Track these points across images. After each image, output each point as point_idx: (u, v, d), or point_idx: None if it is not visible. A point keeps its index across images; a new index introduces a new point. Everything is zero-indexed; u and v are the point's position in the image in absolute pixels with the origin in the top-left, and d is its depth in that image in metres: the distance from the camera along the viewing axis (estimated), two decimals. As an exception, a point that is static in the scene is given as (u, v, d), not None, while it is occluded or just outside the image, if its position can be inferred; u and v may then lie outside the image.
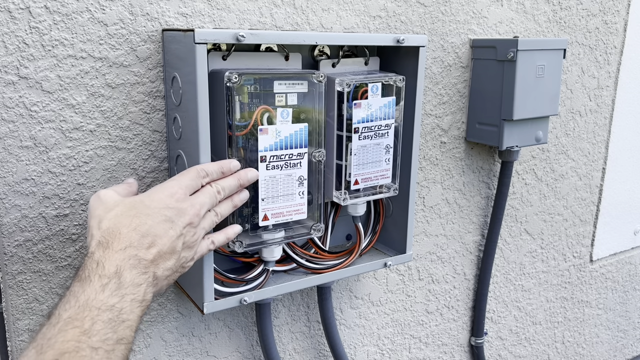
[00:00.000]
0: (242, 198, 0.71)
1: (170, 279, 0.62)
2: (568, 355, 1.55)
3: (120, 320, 0.54)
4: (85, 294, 0.53)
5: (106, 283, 0.54)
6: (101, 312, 0.53)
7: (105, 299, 0.53)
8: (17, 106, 0.69)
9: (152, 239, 0.59)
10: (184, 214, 0.62)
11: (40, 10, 0.68)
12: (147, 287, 0.58)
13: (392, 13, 0.96)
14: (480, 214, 1.20)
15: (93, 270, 0.55)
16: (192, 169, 0.67)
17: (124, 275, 0.56)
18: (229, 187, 0.69)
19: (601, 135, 1.40)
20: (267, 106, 0.72)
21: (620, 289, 1.63)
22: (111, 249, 0.57)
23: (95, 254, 0.57)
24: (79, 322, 0.51)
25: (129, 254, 0.57)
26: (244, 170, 0.70)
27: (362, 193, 0.84)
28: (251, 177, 0.71)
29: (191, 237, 0.64)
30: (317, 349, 1.05)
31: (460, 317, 1.25)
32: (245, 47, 0.78)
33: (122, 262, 0.56)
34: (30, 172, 0.71)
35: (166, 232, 0.61)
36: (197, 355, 0.91)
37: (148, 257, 0.59)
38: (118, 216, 0.60)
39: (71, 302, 0.53)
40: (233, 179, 0.69)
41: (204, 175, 0.66)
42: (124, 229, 0.59)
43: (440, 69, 1.05)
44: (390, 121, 0.83)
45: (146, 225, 0.60)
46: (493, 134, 1.06)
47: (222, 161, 0.70)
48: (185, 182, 0.65)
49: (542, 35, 1.19)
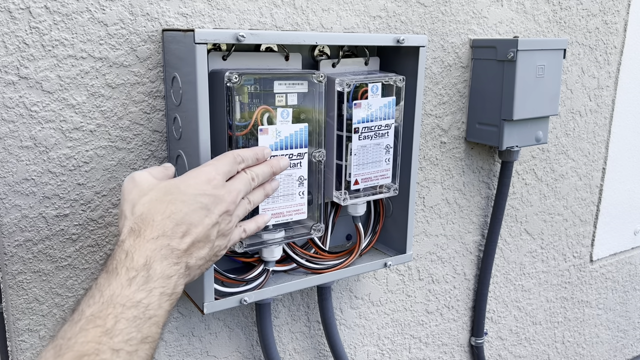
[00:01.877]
0: (273, 187, 0.70)
1: (202, 268, 0.60)
2: (568, 355, 1.55)
3: (146, 317, 0.51)
4: (110, 288, 0.51)
5: (134, 276, 0.52)
6: (125, 310, 0.50)
7: (131, 295, 0.51)
8: (17, 106, 0.69)
9: (187, 228, 0.57)
10: (220, 202, 0.60)
11: (41, 10, 0.68)
12: (179, 278, 0.56)
13: (392, 13, 0.96)
14: (480, 214, 1.20)
15: (121, 262, 0.53)
16: (229, 153, 0.65)
17: (154, 267, 0.54)
18: (262, 174, 0.67)
19: (601, 135, 1.40)
20: (267, 106, 0.72)
21: (620, 289, 1.63)
22: (143, 238, 0.55)
23: (125, 242, 0.55)
24: (101, 321, 0.49)
25: (161, 243, 0.55)
26: (276, 158, 0.70)
27: (362, 193, 0.84)
28: (283, 165, 0.70)
29: (226, 225, 0.62)
30: (317, 349, 1.05)
31: (460, 317, 1.25)
32: (245, 47, 0.78)
33: (152, 253, 0.54)
34: (31, 172, 0.71)
35: (202, 220, 0.58)
36: (197, 355, 0.91)
37: (181, 246, 0.57)
38: (153, 201, 0.58)
39: (95, 297, 0.51)
40: (267, 167, 0.68)
41: (240, 161, 0.65)
42: (158, 215, 0.57)
43: (440, 69, 1.05)
44: (390, 121, 0.83)
45: (181, 213, 0.57)
46: (493, 134, 1.06)
47: (256, 147, 0.68)
48: (222, 167, 0.63)
49: (542, 35, 1.19)
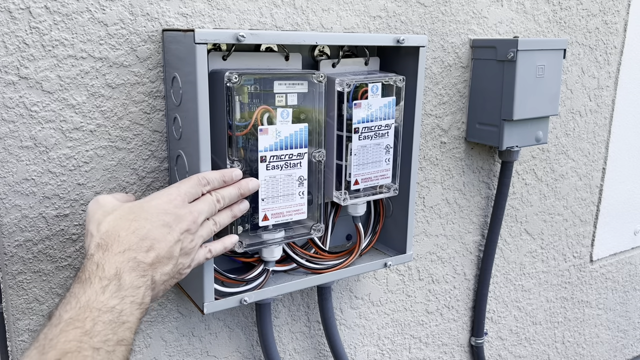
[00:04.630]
0: (241, 208, 0.71)
1: (167, 285, 0.62)
2: (568, 355, 1.55)
3: (120, 322, 0.54)
4: (86, 295, 0.54)
5: (106, 285, 0.55)
6: (102, 314, 0.53)
7: (106, 301, 0.54)
8: (18, 106, 0.69)
9: (151, 243, 0.60)
10: (181, 220, 0.62)
11: (41, 10, 0.68)
12: (146, 290, 0.58)
13: (392, 13, 0.96)
14: (480, 214, 1.20)
15: (93, 272, 0.55)
16: (194, 176, 0.67)
17: (124, 277, 0.56)
18: (229, 196, 0.69)
19: (601, 135, 1.40)
20: (267, 106, 0.72)
21: (620, 289, 1.63)
22: (110, 252, 0.57)
23: (94, 256, 0.57)
24: (80, 323, 0.52)
25: (128, 256, 0.57)
26: (245, 180, 0.70)
27: (362, 193, 0.84)
28: (252, 187, 0.71)
29: (189, 244, 0.64)
30: (317, 349, 1.05)
31: (460, 317, 1.25)
32: (246, 47, 0.78)
33: (121, 265, 0.56)
34: (31, 172, 0.71)
35: (164, 236, 0.61)
36: (197, 355, 0.91)
37: (147, 260, 0.59)
38: (117, 219, 0.60)
39: (72, 303, 0.53)
40: (234, 189, 0.69)
41: (205, 184, 0.66)
42: (123, 232, 0.59)
43: (440, 69, 1.05)
44: (390, 121, 0.83)
45: (145, 229, 0.60)
46: (493, 134, 1.06)
47: (224, 170, 0.69)
48: (184, 189, 0.65)
49: (542, 35, 1.19)
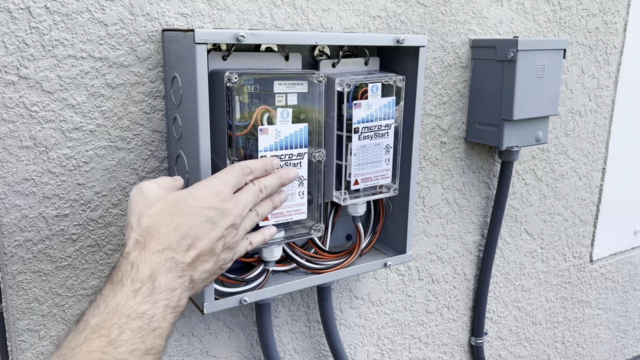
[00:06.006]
0: (281, 199, 0.69)
1: (207, 282, 0.60)
2: (568, 355, 1.55)
3: (150, 329, 0.52)
4: (115, 299, 0.51)
5: (139, 288, 0.52)
6: (130, 320, 0.51)
7: (136, 306, 0.51)
8: (17, 106, 0.69)
9: (192, 241, 0.57)
10: (227, 215, 0.60)
11: (40, 10, 0.68)
12: (183, 291, 0.56)
13: (392, 13, 0.96)
14: (480, 214, 1.20)
15: (127, 273, 0.53)
16: (237, 165, 0.64)
17: (159, 279, 0.54)
18: (270, 185, 0.67)
19: (601, 135, 1.40)
20: (267, 106, 0.72)
21: (620, 289, 1.63)
22: (148, 250, 0.55)
23: (131, 254, 0.55)
24: (105, 331, 0.49)
25: (166, 256, 0.55)
26: (285, 169, 0.69)
27: (362, 193, 0.84)
28: (292, 176, 0.69)
29: (232, 239, 0.61)
30: (317, 349, 1.05)
31: (460, 317, 1.25)
32: (245, 47, 0.78)
33: (157, 265, 0.54)
34: (30, 172, 0.71)
35: (207, 233, 0.58)
36: (197, 355, 0.91)
37: (186, 259, 0.57)
38: (159, 213, 0.58)
39: (100, 307, 0.51)
40: (275, 178, 0.67)
41: (248, 173, 0.64)
42: (164, 228, 0.57)
43: (440, 69, 1.05)
44: (390, 121, 0.83)
45: (187, 226, 0.57)
46: (493, 134, 1.06)
47: (264, 158, 0.68)
48: (230, 179, 0.62)
49: (542, 35, 1.19)
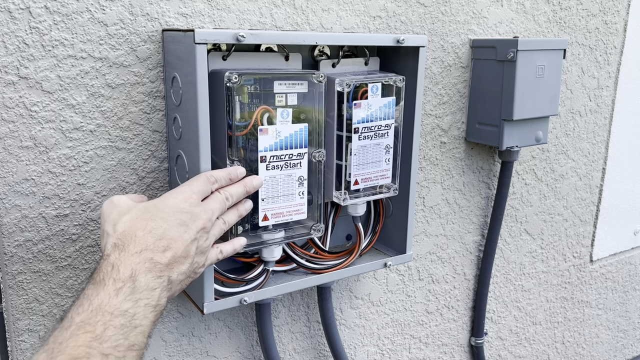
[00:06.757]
0: (246, 207, 0.72)
1: (183, 284, 0.62)
2: (568, 355, 1.55)
3: (132, 326, 0.53)
4: (98, 298, 0.53)
5: (120, 287, 0.54)
6: (114, 318, 0.52)
7: (119, 304, 0.53)
8: (17, 106, 0.69)
9: (167, 242, 0.59)
10: (197, 219, 0.63)
11: (40, 10, 0.68)
12: (162, 291, 0.58)
13: (392, 13, 0.96)
14: (480, 214, 1.20)
15: (108, 274, 0.55)
16: (202, 175, 0.67)
17: (139, 279, 0.56)
18: (236, 193, 0.69)
19: (601, 135, 1.40)
20: (267, 106, 0.72)
21: (620, 289, 1.63)
22: (127, 252, 0.57)
23: (111, 256, 0.57)
24: (90, 327, 0.51)
25: (145, 257, 0.57)
26: (249, 178, 0.71)
27: (362, 193, 0.84)
28: (256, 184, 0.72)
29: (204, 242, 0.64)
30: (317, 349, 1.05)
31: (460, 317, 1.25)
32: (245, 47, 0.78)
33: (137, 266, 0.56)
34: (30, 172, 0.71)
35: (181, 235, 0.61)
36: (197, 355, 0.91)
37: (163, 260, 0.59)
38: (133, 219, 0.60)
39: (84, 306, 0.53)
40: (240, 186, 0.70)
41: (213, 182, 0.67)
42: (140, 231, 0.59)
43: (440, 69, 1.05)
44: (390, 121, 0.83)
45: (161, 229, 0.60)
46: (493, 134, 1.06)
47: (229, 168, 0.70)
48: (197, 187, 0.65)
49: (542, 35, 1.19)
